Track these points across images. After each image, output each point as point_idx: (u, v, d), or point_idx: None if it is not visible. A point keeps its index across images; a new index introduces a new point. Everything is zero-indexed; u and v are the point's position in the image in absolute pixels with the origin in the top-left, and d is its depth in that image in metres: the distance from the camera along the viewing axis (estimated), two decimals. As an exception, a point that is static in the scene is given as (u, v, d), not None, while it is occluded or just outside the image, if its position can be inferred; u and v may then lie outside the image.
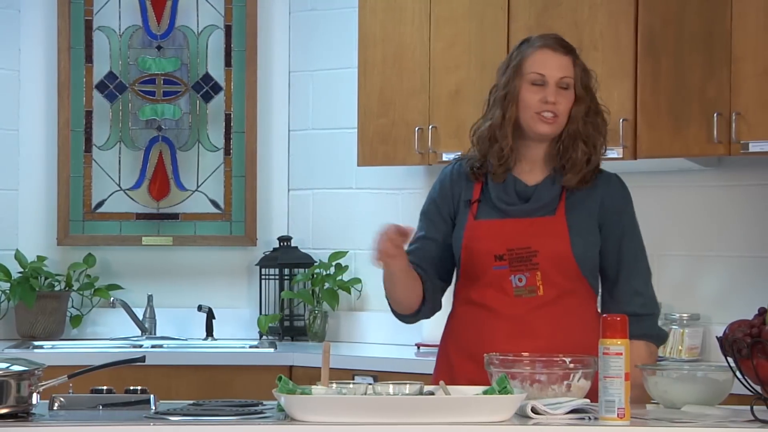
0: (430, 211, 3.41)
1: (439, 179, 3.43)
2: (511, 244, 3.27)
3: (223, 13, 5.82)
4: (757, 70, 4.44)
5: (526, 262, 3.26)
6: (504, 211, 3.30)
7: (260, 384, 3.59)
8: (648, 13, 4.67)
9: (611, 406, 2.73)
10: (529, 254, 3.26)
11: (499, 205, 3.31)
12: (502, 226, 3.29)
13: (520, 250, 3.26)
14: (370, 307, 5.65)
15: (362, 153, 5.31)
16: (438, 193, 3.41)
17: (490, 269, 3.28)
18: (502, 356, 2.97)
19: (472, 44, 5.04)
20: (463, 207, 3.34)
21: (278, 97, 5.83)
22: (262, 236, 5.79)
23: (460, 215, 3.34)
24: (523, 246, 3.26)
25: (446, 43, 5.11)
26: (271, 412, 2.87)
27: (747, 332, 2.78)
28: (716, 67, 4.51)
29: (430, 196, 3.44)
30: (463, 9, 5.06)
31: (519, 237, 3.27)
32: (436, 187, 3.43)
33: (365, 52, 5.30)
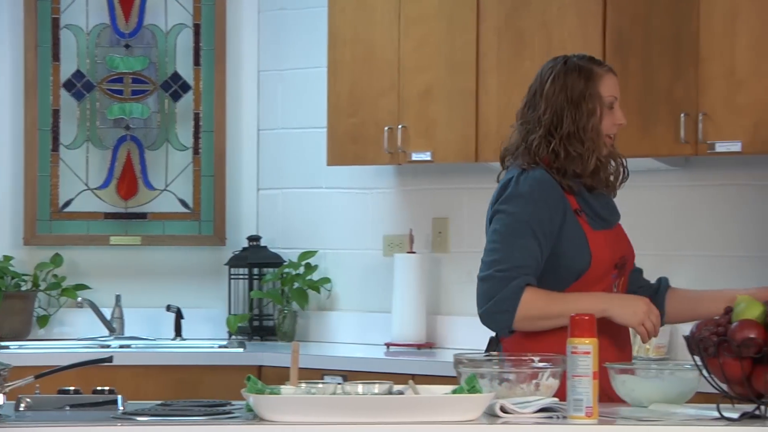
0: (543, 223, 3.33)
1: (533, 191, 3.35)
2: (620, 252, 3.42)
3: (191, 11, 5.81)
4: (723, 71, 4.47)
5: (622, 269, 3.43)
6: (608, 222, 3.43)
7: (229, 384, 3.59)
8: (616, 14, 4.69)
9: (579, 405, 2.74)
10: (625, 262, 3.44)
11: (604, 216, 3.42)
12: (612, 236, 3.42)
13: (623, 258, 3.43)
14: (339, 307, 5.65)
15: (332, 152, 5.31)
16: (549, 204, 3.35)
17: (609, 278, 3.38)
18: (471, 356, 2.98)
19: (442, 44, 5.05)
20: (571, 216, 3.35)
21: (247, 96, 5.82)
22: (231, 236, 5.78)
23: (571, 225, 3.34)
24: (623, 254, 3.43)
25: (416, 43, 5.11)
26: (240, 412, 2.86)
27: (713, 331, 2.80)
28: (683, 67, 4.53)
29: (528, 206, 3.34)
30: (433, 9, 5.07)
31: (620, 246, 3.43)
32: (536, 199, 3.35)
33: (335, 52, 5.30)
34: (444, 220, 5.42)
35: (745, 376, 2.74)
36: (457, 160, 5.07)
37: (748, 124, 4.46)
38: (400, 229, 5.49)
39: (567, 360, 2.79)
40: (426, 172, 5.42)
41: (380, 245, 5.56)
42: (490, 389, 2.87)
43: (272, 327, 5.68)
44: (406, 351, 5.23)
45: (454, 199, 5.40)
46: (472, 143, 4.98)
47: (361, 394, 2.79)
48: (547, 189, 3.35)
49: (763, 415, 2.77)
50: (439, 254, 5.43)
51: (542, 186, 3.36)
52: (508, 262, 3.31)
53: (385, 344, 5.32)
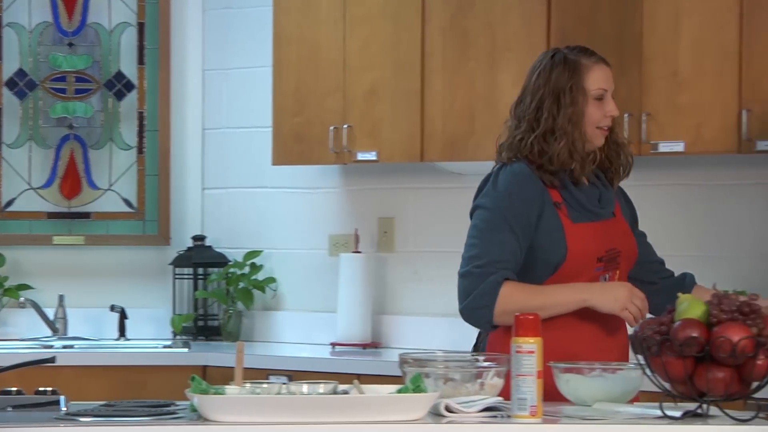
0: (519, 217, 3.32)
1: (510, 184, 3.35)
2: (607, 245, 3.37)
3: (135, 10, 5.77)
4: (666, 71, 4.50)
5: (612, 263, 3.38)
6: (596, 214, 3.39)
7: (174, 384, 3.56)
8: (560, 15, 4.71)
9: (524, 404, 2.75)
10: (615, 255, 3.39)
11: (591, 208, 3.38)
12: (598, 228, 3.37)
13: (612, 251, 3.38)
14: (285, 307, 5.64)
15: (277, 152, 5.30)
16: (524, 197, 3.34)
17: (590, 271, 3.34)
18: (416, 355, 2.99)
19: (387, 44, 5.06)
20: (550, 209, 3.33)
21: (192, 95, 5.80)
22: (176, 235, 5.75)
23: (548, 218, 3.33)
24: (613, 247, 3.39)
25: (361, 43, 5.11)
26: (184, 412, 2.85)
27: (656, 330, 2.81)
28: (627, 68, 4.56)
29: (503, 201, 3.34)
30: (378, 9, 5.07)
31: (610, 239, 3.39)
32: (512, 193, 3.34)
33: (280, 51, 5.29)
34: (389, 219, 5.43)
35: (688, 375, 2.77)
36: (402, 159, 5.08)
37: (691, 125, 4.50)
38: (345, 228, 5.49)
39: (511, 359, 2.80)
40: (371, 172, 5.42)
41: (326, 245, 5.55)
42: (435, 389, 2.87)
43: (217, 327, 5.66)
44: (351, 351, 5.23)
45: (400, 198, 5.41)
46: (418, 143, 4.98)
47: (306, 394, 2.79)
48: (523, 182, 3.34)
49: (705, 413, 2.79)
50: (385, 254, 5.43)
51: (518, 179, 3.35)
52: (486, 257, 3.30)
53: (331, 344, 5.31)
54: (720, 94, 4.45)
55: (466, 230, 5.22)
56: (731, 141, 4.43)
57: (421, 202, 5.37)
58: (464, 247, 3.41)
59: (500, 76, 4.83)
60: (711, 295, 2.85)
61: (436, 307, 5.29)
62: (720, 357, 2.73)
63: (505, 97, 4.81)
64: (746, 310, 2.78)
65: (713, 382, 2.74)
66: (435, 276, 5.32)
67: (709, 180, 4.81)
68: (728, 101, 4.44)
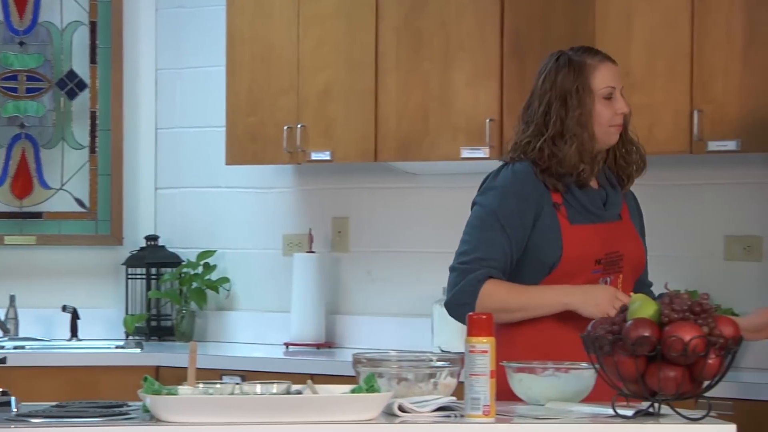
0: (510, 216, 3.30)
1: (508, 183, 3.34)
2: (607, 248, 3.35)
3: (87, 9, 5.74)
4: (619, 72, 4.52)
5: (614, 266, 3.36)
6: (598, 216, 3.37)
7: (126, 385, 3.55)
8: (513, 15, 4.73)
9: (477, 404, 2.75)
10: (617, 258, 3.37)
11: (593, 210, 3.36)
12: (598, 230, 3.35)
13: (612, 254, 3.36)
14: (238, 307, 5.62)
15: (230, 152, 5.28)
16: (513, 198, 3.32)
17: (587, 273, 3.33)
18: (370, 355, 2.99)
19: (341, 43, 5.05)
20: (549, 210, 3.32)
21: (145, 94, 5.77)
22: (129, 235, 5.73)
23: (546, 218, 3.31)
24: (614, 250, 3.36)
25: (315, 42, 5.11)
26: (137, 413, 2.83)
27: (609, 330, 2.83)
28: (580, 68, 4.57)
29: (499, 199, 3.33)
30: (332, 8, 5.07)
31: (611, 242, 3.36)
32: (508, 192, 3.33)
33: (233, 51, 5.28)
34: (344, 219, 5.43)
35: (639, 374, 2.78)
36: (356, 159, 5.08)
37: (643, 125, 4.51)
38: (299, 228, 5.48)
39: (465, 359, 2.80)
40: (325, 172, 5.42)
41: (279, 245, 5.54)
42: (389, 388, 2.87)
43: (170, 327, 5.64)
44: (305, 351, 5.22)
45: (354, 198, 5.40)
46: (372, 143, 4.99)
47: (259, 394, 2.78)
48: (522, 182, 3.33)
49: (657, 412, 2.81)
50: (339, 254, 5.43)
51: (517, 178, 3.34)
52: (472, 254, 3.30)
53: (284, 344, 5.30)
54: (672, 94, 4.47)
55: (420, 230, 5.27)
56: (683, 141, 4.46)
57: (375, 201, 5.37)
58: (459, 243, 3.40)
59: (454, 76, 4.84)
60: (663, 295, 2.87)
61: (390, 307, 5.29)
62: (671, 356, 2.75)
63: (459, 97, 4.83)
64: (697, 310, 2.79)
65: (665, 381, 2.76)
66: (389, 276, 5.32)
67: (661, 180, 4.84)
68: (680, 102, 4.46)
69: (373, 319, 5.34)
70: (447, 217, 5.18)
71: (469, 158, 4.81)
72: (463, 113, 4.82)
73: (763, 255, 4.66)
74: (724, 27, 4.40)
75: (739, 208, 4.72)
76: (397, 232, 5.31)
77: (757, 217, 4.67)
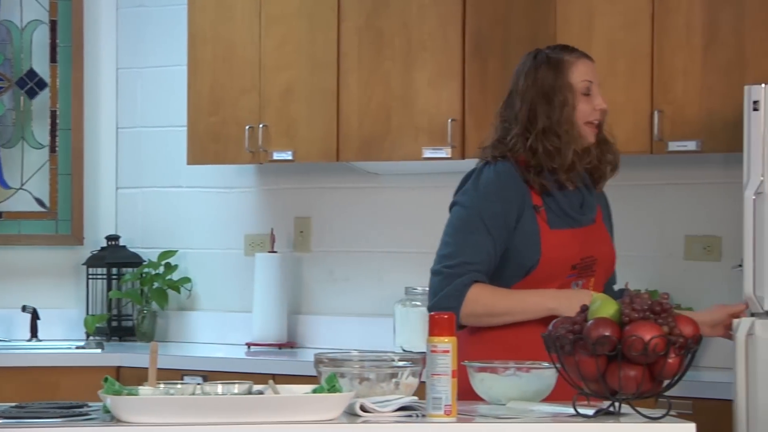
0: (497, 218, 3.29)
1: (491, 183, 3.32)
2: (583, 253, 3.35)
3: (47, 8, 5.71)
4: (580, 72, 4.54)
5: (588, 270, 3.36)
6: (577, 220, 3.36)
7: (87, 385, 3.54)
8: (475, 15, 4.74)
9: (438, 404, 2.76)
10: (591, 262, 3.37)
11: (572, 214, 3.35)
12: (576, 235, 3.34)
13: (587, 259, 3.36)
14: (200, 307, 5.61)
15: (192, 151, 5.27)
16: (496, 199, 3.31)
17: (563, 278, 3.32)
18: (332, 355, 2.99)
19: (303, 43, 5.05)
20: (529, 212, 3.30)
21: (106, 93, 5.75)
22: (89, 235, 5.70)
23: (526, 221, 3.30)
24: (589, 255, 3.36)
25: (277, 42, 5.10)
26: (97, 413, 2.82)
27: (570, 329, 2.84)
28: (542, 69, 4.59)
29: (482, 200, 3.31)
30: (294, 8, 5.06)
31: (587, 246, 3.36)
32: (492, 193, 3.31)
33: (195, 50, 5.26)
34: (306, 219, 5.42)
35: (600, 374, 2.79)
36: (318, 159, 5.08)
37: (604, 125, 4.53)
38: (261, 228, 5.48)
39: (426, 359, 2.81)
40: (287, 172, 5.41)
41: (241, 245, 5.53)
42: (351, 388, 2.87)
43: (131, 327, 5.62)
44: (267, 351, 5.22)
45: (316, 198, 5.40)
46: (333, 142, 4.98)
47: (221, 394, 2.77)
48: (506, 182, 3.32)
49: (617, 411, 2.82)
50: (301, 254, 5.42)
51: (502, 179, 3.32)
52: (458, 257, 3.28)
53: (246, 344, 5.29)
54: (632, 95, 4.50)
55: (382, 230, 5.27)
56: (643, 142, 4.48)
57: (337, 201, 5.37)
58: (439, 243, 3.36)
59: (416, 76, 4.84)
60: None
61: (352, 306, 5.29)
62: (632, 355, 2.76)
63: (420, 97, 4.83)
64: (658, 309, 2.81)
65: (625, 381, 2.77)
66: (351, 276, 5.32)
67: (622, 180, 4.83)
68: (640, 102, 4.49)
69: (335, 319, 5.33)
70: (409, 217, 5.19)
71: (431, 158, 4.81)
72: (425, 113, 4.83)
73: (723, 255, 4.69)
74: (683, 28, 4.43)
75: (699, 208, 4.75)
76: (359, 232, 5.31)
77: (717, 217, 4.70)
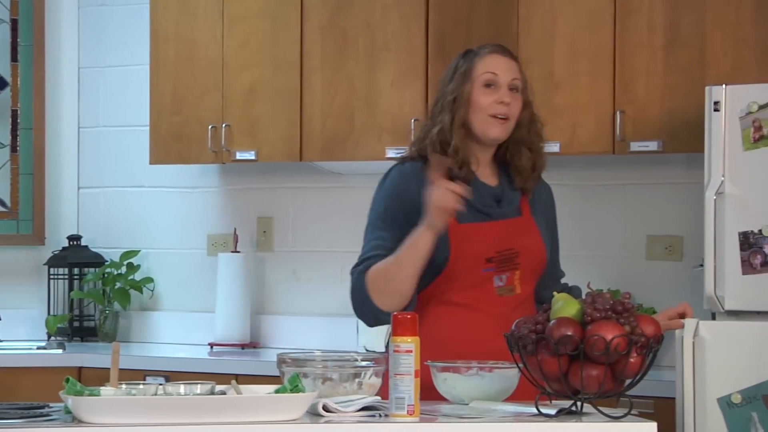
0: (394, 215, 3.29)
1: (394, 183, 3.33)
2: (499, 246, 3.32)
3: (8, 6, 5.68)
4: (542, 73, 4.56)
5: (509, 263, 3.33)
6: (488, 214, 3.34)
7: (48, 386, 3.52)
8: (438, 16, 4.75)
9: (401, 403, 2.76)
10: (512, 255, 3.33)
11: (482, 208, 3.33)
12: (488, 228, 3.32)
13: (506, 252, 3.33)
14: (162, 307, 5.59)
15: (154, 151, 5.25)
16: (397, 198, 3.31)
17: (478, 271, 3.30)
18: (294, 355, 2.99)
19: (266, 43, 5.04)
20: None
21: (67, 93, 5.72)
22: (51, 235, 5.67)
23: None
24: (508, 248, 3.33)
25: (239, 42, 5.09)
26: (59, 414, 2.81)
27: (532, 329, 2.85)
28: (504, 69, 4.61)
29: (384, 200, 3.32)
30: (256, 7, 5.06)
31: (504, 239, 3.33)
32: (393, 192, 3.32)
33: (157, 50, 5.24)
34: (268, 219, 5.42)
35: (562, 373, 2.80)
36: (281, 159, 5.07)
37: (566, 126, 4.56)
38: (224, 228, 5.47)
39: (389, 358, 2.81)
40: (250, 171, 5.41)
41: (204, 244, 5.52)
42: (313, 388, 2.87)
43: (93, 328, 5.60)
44: (229, 351, 5.21)
45: (279, 198, 5.40)
46: (297, 142, 4.98)
47: (183, 394, 2.76)
48: (407, 180, 3.31)
49: (579, 411, 2.83)
50: (264, 253, 5.42)
51: (403, 178, 3.32)
52: (361, 257, 3.32)
53: (209, 344, 5.28)
54: (594, 95, 4.52)
55: (345, 230, 5.27)
56: (606, 142, 4.50)
57: (300, 201, 5.37)
58: None
59: (379, 76, 4.85)
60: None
61: (315, 306, 5.29)
62: (594, 355, 2.77)
63: (384, 97, 4.84)
64: (619, 309, 2.82)
65: (587, 380, 2.79)
66: (313, 276, 5.32)
67: (584, 180, 4.89)
68: (602, 102, 4.51)
69: (298, 319, 5.33)
70: (372, 216, 5.19)
71: (394, 158, 4.81)
72: (388, 113, 4.83)
73: (684, 254, 4.72)
74: (645, 28, 4.45)
75: (661, 208, 4.77)
76: (322, 232, 5.31)
77: (678, 217, 4.73)
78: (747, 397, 3.61)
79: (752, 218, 3.84)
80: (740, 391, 3.62)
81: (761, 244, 3.84)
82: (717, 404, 3.63)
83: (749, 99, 3.87)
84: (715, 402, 3.64)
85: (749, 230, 3.85)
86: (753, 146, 3.86)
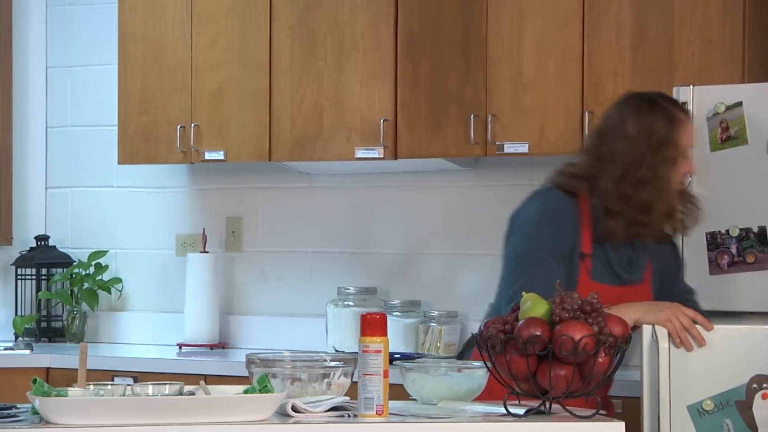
0: (560, 247, 3.27)
1: (565, 211, 3.30)
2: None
3: (-24, 5, 5.65)
4: (511, 73, 4.57)
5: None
6: (621, 278, 3.34)
7: (15, 387, 3.51)
8: (407, 16, 4.75)
9: (370, 403, 2.76)
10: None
11: (617, 271, 3.33)
12: (615, 293, 3.29)
13: None
14: (130, 307, 5.57)
15: (123, 151, 5.23)
16: (565, 229, 3.28)
17: None
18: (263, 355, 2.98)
19: (234, 42, 5.03)
20: (576, 256, 3.27)
21: (35, 92, 5.70)
22: (18, 235, 5.65)
23: (572, 264, 3.27)
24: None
25: (208, 41, 5.08)
26: (26, 415, 2.80)
27: (501, 329, 2.86)
28: (473, 70, 4.62)
29: (555, 227, 3.28)
30: (225, 7, 5.05)
31: (617, 302, 3.27)
32: (562, 219, 3.29)
33: (125, 49, 5.23)
34: (237, 219, 5.41)
35: (531, 373, 2.81)
36: (250, 159, 5.06)
37: (535, 126, 4.57)
38: (193, 228, 5.45)
39: (358, 359, 2.81)
40: (219, 171, 5.39)
41: (173, 245, 5.51)
42: (282, 389, 2.87)
43: (61, 328, 5.57)
44: (198, 351, 5.19)
45: (248, 198, 5.39)
46: (266, 142, 4.97)
47: (152, 395, 2.76)
48: (567, 214, 3.29)
49: (548, 410, 2.84)
50: (233, 253, 5.41)
51: (565, 209, 3.29)
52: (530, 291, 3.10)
53: (178, 345, 5.27)
54: (563, 95, 4.53)
55: (314, 230, 5.26)
56: (574, 142, 4.51)
57: (269, 201, 5.36)
58: (502, 278, 3.34)
59: (348, 76, 4.84)
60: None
61: (284, 307, 5.29)
62: (562, 355, 2.78)
63: (353, 97, 4.84)
64: (588, 309, 2.83)
65: (556, 380, 2.79)
66: (283, 276, 5.31)
67: (553, 180, 4.89)
68: (571, 103, 4.52)
69: (267, 320, 5.32)
70: (341, 217, 5.19)
71: (363, 158, 4.82)
72: (357, 113, 4.83)
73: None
74: (613, 29, 4.47)
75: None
76: (291, 232, 5.30)
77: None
78: (719, 404, 3.53)
79: (719, 218, 3.85)
80: (712, 397, 3.54)
81: (728, 244, 3.85)
82: (687, 412, 3.56)
83: (716, 100, 3.88)
84: (685, 410, 3.56)
85: (716, 230, 3.86)
86: (720, 147, 3.87)
